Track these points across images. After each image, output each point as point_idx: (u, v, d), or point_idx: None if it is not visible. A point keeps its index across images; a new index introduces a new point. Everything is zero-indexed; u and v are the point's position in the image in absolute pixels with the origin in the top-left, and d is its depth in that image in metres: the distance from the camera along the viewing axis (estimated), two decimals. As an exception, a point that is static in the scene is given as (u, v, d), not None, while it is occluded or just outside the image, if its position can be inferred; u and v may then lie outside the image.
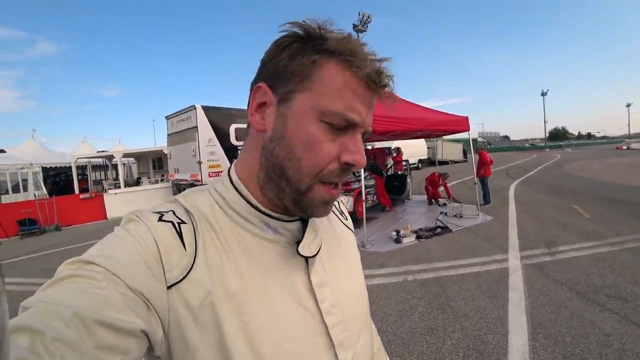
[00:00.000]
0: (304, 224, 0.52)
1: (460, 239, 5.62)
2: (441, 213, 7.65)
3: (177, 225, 0.45)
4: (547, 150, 53.92)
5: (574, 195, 9.11)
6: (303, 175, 0.45)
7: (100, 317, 0.34)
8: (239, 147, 10.16)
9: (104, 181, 18.79)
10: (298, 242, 0.50)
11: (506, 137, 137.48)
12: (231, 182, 0.52)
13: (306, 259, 0.50)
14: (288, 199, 0.47)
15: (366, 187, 7.77)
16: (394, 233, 5.88)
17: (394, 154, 11.25)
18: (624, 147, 46.09)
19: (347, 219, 0.70)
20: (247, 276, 0.45)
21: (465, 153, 28.87)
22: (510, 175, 15.92)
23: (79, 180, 15.42)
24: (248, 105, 0.51)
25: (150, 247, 0.41)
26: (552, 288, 3.56)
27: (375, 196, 8.18)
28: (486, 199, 8.49)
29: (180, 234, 0.44)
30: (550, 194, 9.62)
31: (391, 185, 9.55)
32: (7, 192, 14.03)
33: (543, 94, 65.65)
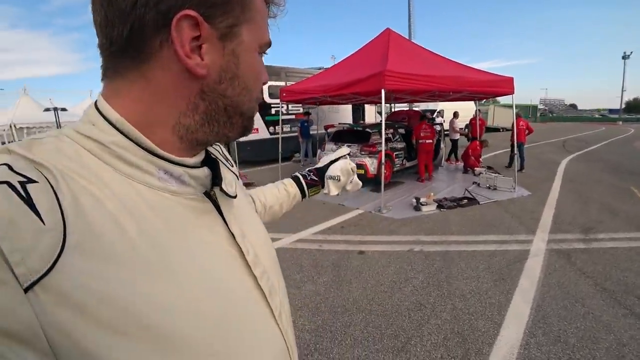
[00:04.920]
0: (212, 169, 0.44)
1: (485, 213, 5.19)
2: (474, 183, 7.11)
3: (18, 185, 0.29)
4: (620, 123, 47.57)
5: (637, 177, 7.97)
6: (253, 103, 0.45)
7: None
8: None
9: None
10: (206, 193, 0.43)
11: (573, 106, 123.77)
12: (108, 121, 0.37)
13: (219, 210, 0.45)
14: (238, 129, 0.45)
15: (395, 150, 7.35)
16: (414, 200, 5.57)
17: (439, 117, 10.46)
18: None
19: (232, 166, 0.60)
20: (163, 241, 0.36)
21: (518, 120, 26.65)
22: (567, 148, 14.32)
23: None
24: (141, 34, 0.35)
25: None
26: (573, 280, 3.16)
27: (404, 160, 7.73)
28: (515, 164, 7.35)
29: (27, 199, 0.29)
30: (607, 173, 8.49)
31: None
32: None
33: (625, 57, 56.97)
